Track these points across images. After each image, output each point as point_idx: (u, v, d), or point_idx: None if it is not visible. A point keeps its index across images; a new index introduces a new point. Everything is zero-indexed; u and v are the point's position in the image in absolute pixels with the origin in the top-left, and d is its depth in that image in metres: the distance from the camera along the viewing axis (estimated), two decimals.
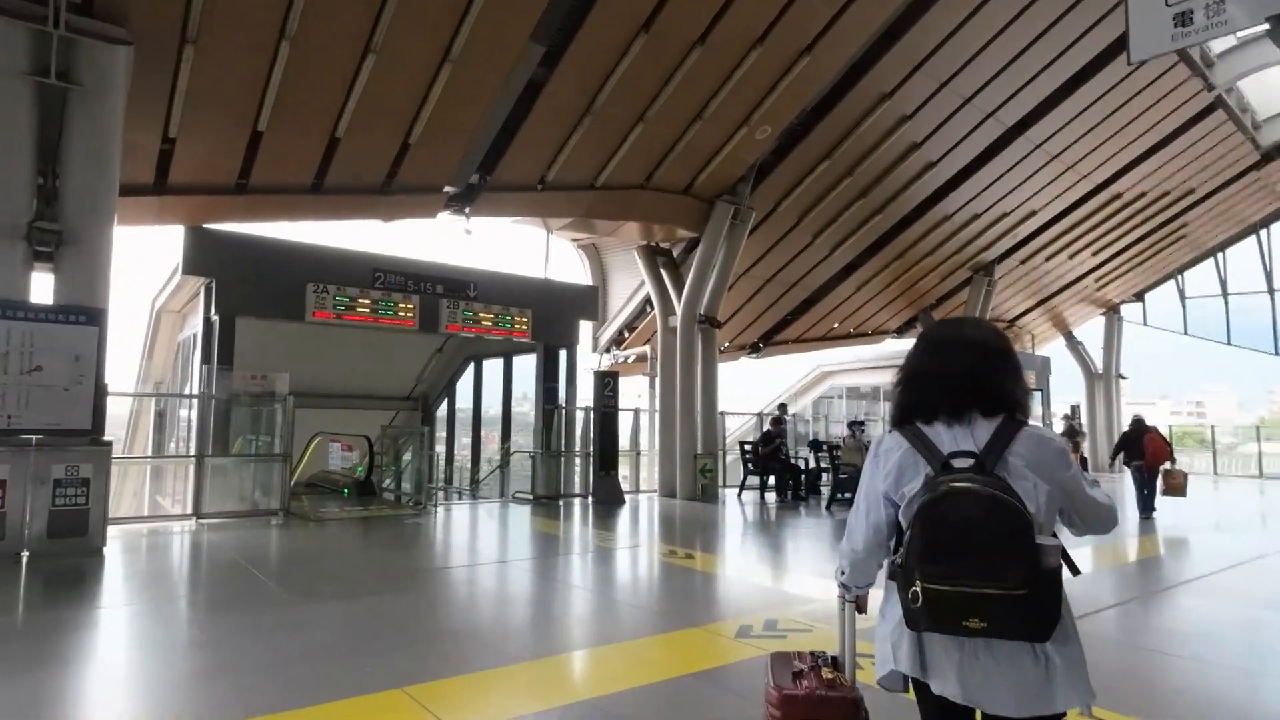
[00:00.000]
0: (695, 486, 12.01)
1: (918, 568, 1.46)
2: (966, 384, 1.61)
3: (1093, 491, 1.62)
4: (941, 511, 1.45)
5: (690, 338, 12.24)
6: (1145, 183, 15.19)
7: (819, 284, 15.53)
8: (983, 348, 1.65)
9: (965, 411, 1.59)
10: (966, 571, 1.41)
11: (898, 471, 1.61)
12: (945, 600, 1.42)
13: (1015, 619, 1.42)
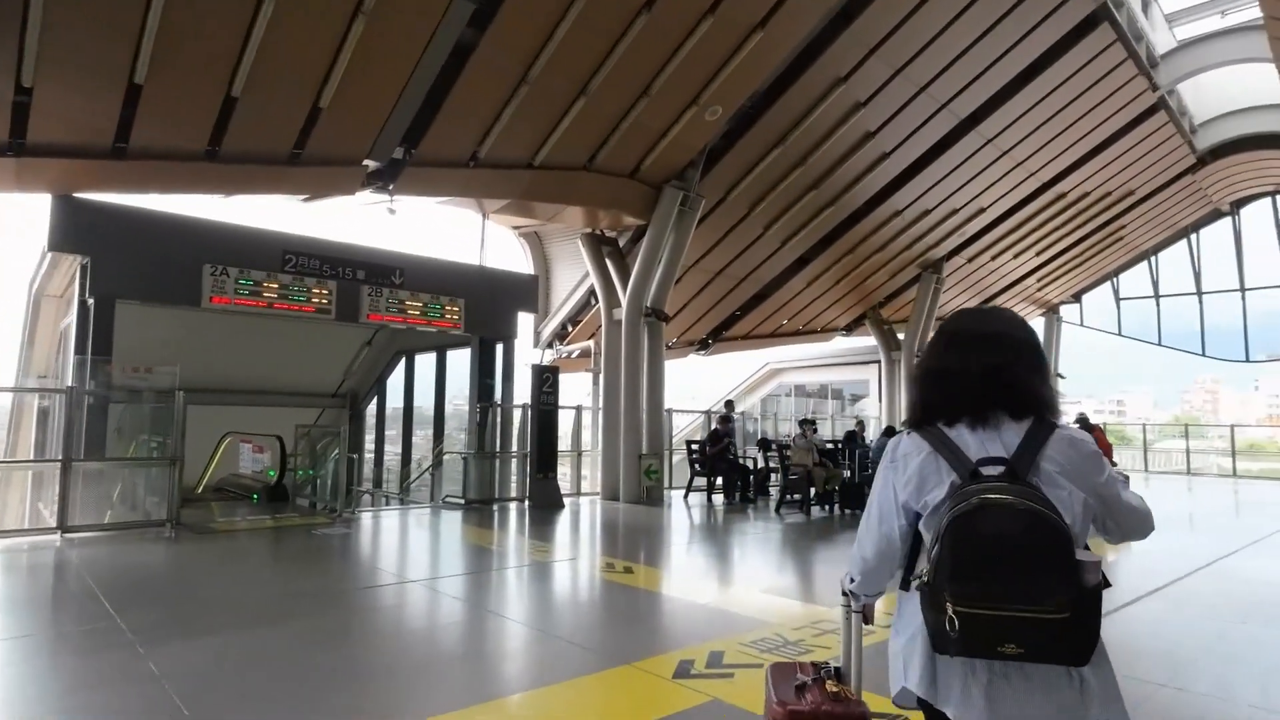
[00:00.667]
0: (640, 489, 11.34)
1: (948, 588, 1.33)
2: (994, 382, 1.47)
3: (1127, 495, 1.49)
4: (974, 527, 1.32)
5: (636, 331, 11.55)
6: (1089, 183, 15.23)
7: (769, 279, 15.07)
8: (1011, 342, 1.51)
9: (992, 413, 1.46)
10: (1004, 594, 1.30)
11: (919, 479, 1.47)
12: (979, 624, 1.31)
13: (1055, 643, 1.32)
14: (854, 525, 10.30)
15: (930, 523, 1.44)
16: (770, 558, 7.46)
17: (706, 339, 16.76)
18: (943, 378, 1.54)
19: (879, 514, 1.55)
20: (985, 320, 1.59)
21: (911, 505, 1.49)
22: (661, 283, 11.66)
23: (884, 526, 1.54)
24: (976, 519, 1.32)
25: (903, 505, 1.50)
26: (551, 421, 11.06)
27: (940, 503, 1.41)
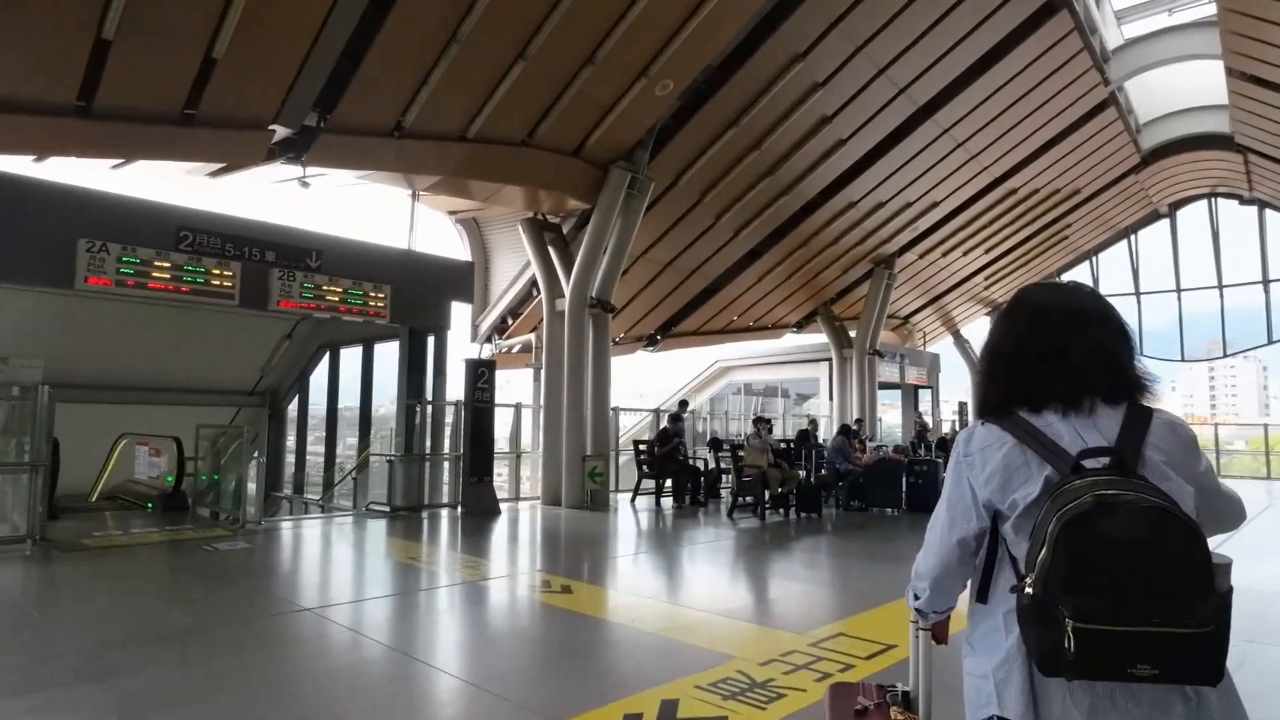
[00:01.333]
0: (583, 493, 10.55)
1: (1063, 601, 1.13)
2: (1094, 364, 1.30)
3: (1224, 484, 1.35)
4: (1093, 530, 1.13)
5: (580, 323, 10.75)
6: (1038, 180, 15.15)
7: (720, 272, 14.46)
8: (1105, 319, 1.35)
9: (1084, 398, 1.29)
10: (1138, 608, 1.11)
11: (1004, 474, 1.28)
12: (1108, 643, 1.12)
13: (1194, 661, 1.13)
14: (811, 530, 10.00)
15: (1022, 524, 1.27)
16: (725, 571, 6.77)
17: (655, 335, 16.07)
18: (1029, 359, 1.36)
19: (951, 517, 1.38)
20: (1076, 295, 1.41)
21: (995, 504, 1.32)
22: (607, 272, 10.89)
23: (958, 530, 1.37)
24: (1095, 520, 1.15)
25: (983, 505, 1.33)
26: (487, 421, 10.17)
27: (1035, 501, 1.25)
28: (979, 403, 1.45)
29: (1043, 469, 1.26)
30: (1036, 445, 1.28)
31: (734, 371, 21.85)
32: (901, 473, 10.48)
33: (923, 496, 10.36)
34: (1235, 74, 11.80)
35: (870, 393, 16.57)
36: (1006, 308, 1.46)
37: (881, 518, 10.06)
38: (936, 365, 21.24)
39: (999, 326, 1.43)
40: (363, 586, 5.78)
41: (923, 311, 20.66)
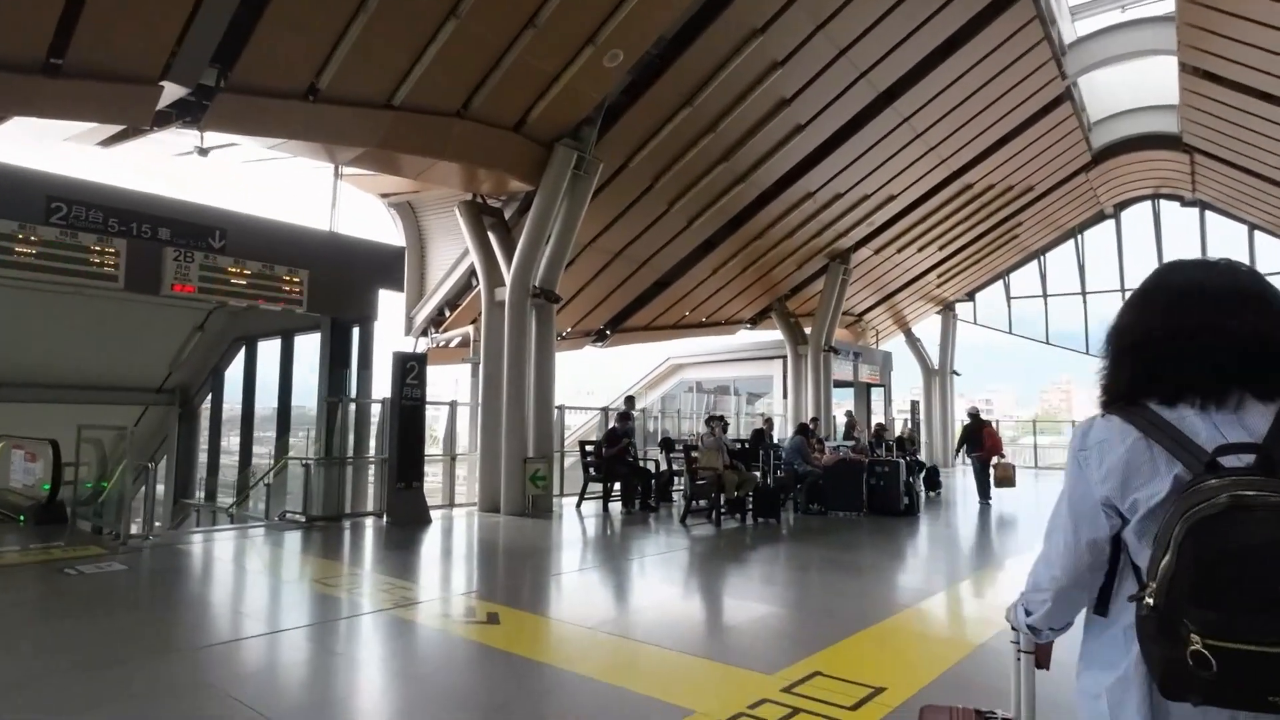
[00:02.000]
0: (524, 498, 9.72)
1: (1190, 614, 1.01)
2: (1250, 352, 1.12)
3: None
4: (1226, 534, 0.99)
5: (521, 314, 9.91)
6: (994, 175, 14.95)
7: (672, 264, 13.78)
8: (1262, 301, 1.16)
9: (1232, 391, 1.12)
10: (1277, 624, 0.96)
11: (1124, 471, 1.14)
12: (1243, 665, 0.97)
13: None
14: (770, 538, 9.32)
15: (1145, 528, 1.12)
16: (678, 590, 6.06)
17: (604, 329, 15.31)
18: (1167, 345, 1.17)
19: (1074, 520, 1.20)
20: (1231, 274, 1.21)
21: (1116, 503, 1.15)
22: (552, 259, 10.08)
23: (1084, 534, 1.19)
24: (1228, 524, 0.99)
25: (1102, 504, 1.16)
26: (417, 420, 9.24)
27: (1161, 502, 1.10)
28: (1102, 391, 1.27)
29: (1172, 466, 1.12)
30: (1165, 440, 1.13)
31: (686, 369, 21.25)
32: (862, 474, 9.98)
33: (884, 499, 9.88)
34: (1188, 69, 11.70)
35: (825, 391, 16.17)
36: (1144, 284, 1.30)
37: (842, 522, 9.53)
38: (889, 363, 21.09)
39: (1133, 305, 1.28)
40: (242, 620, 4.85)
41: (875, 309, 20.43)
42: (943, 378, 22.45)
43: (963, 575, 6.27)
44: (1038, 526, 8.66)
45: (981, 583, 6.12)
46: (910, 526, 9.30)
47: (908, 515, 9.84)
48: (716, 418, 9.55)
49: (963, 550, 8.17)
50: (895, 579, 6.51)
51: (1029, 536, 8.86)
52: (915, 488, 10.27)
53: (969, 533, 9.49)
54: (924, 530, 9.18)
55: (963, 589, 5.82)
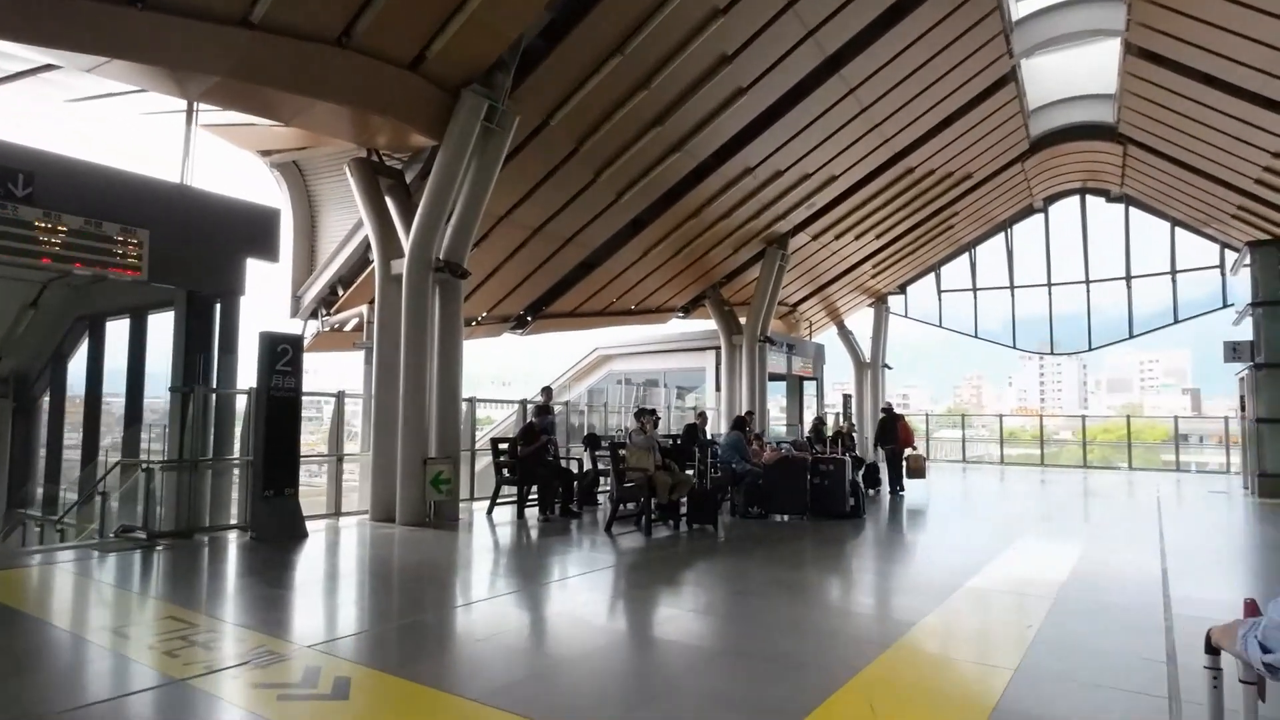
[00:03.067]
0: (424, 505, 8.32)
1: None
2: None
3: None
4: None
5: (422, 291, 8.48)
6: (936, 159, 14.39)
7: (600, 243, 12.54)
8: None
9: None
10: None
11: None
12: None
13: None
14: (707, 550, 7.65)
15: None
16: (601, 631, 4.85)
17: (524, 315, 13.93)
18: None
19: None
20: None
21: None
22: (459, 227, 8.69)
23: None
24: None
25: None
26: (290, 414, 7.68)
27: None
28: None
29: None
30: None
31: (615, 360, 20.07)
32: (806, 473, 9.04)
33: (829, 501, 8.97)
34: (1134, 50, 11.32)
35: (760, 383, 15.31)
36: None
37: (784, 527, 8.56)
38: (821, 356, 20.51)
39: None
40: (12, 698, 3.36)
41: (810, 300, 19.79)
42: (874, 371, 22.10)
43: (941, 595, 5.36)
44: (983, 528, 8.07)
45: (970, 607, 5.19)
46: (860, 532, 8.42)
47: (854, 518, 8.97)
48: (647, 411, 8.40)
49: (927, 562, 7.28)
50: (861, 606, 5.51)
51: (990, 540, 8.11)
52: (861, 487, 9.42)
53: (928, 540, 8.66)
54: (876, 537, 8.31)
55: (949, 616, 4.86)
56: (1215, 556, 7.80)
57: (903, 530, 9.10)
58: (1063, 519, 10.28)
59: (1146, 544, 7.82)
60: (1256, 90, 10.21)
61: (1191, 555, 7.56)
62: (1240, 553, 8.31)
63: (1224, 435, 17.47)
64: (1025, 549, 7.46)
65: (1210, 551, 8.05)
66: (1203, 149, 12.85)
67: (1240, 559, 7.98)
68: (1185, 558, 7.25)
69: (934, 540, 8.62)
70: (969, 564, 6.43)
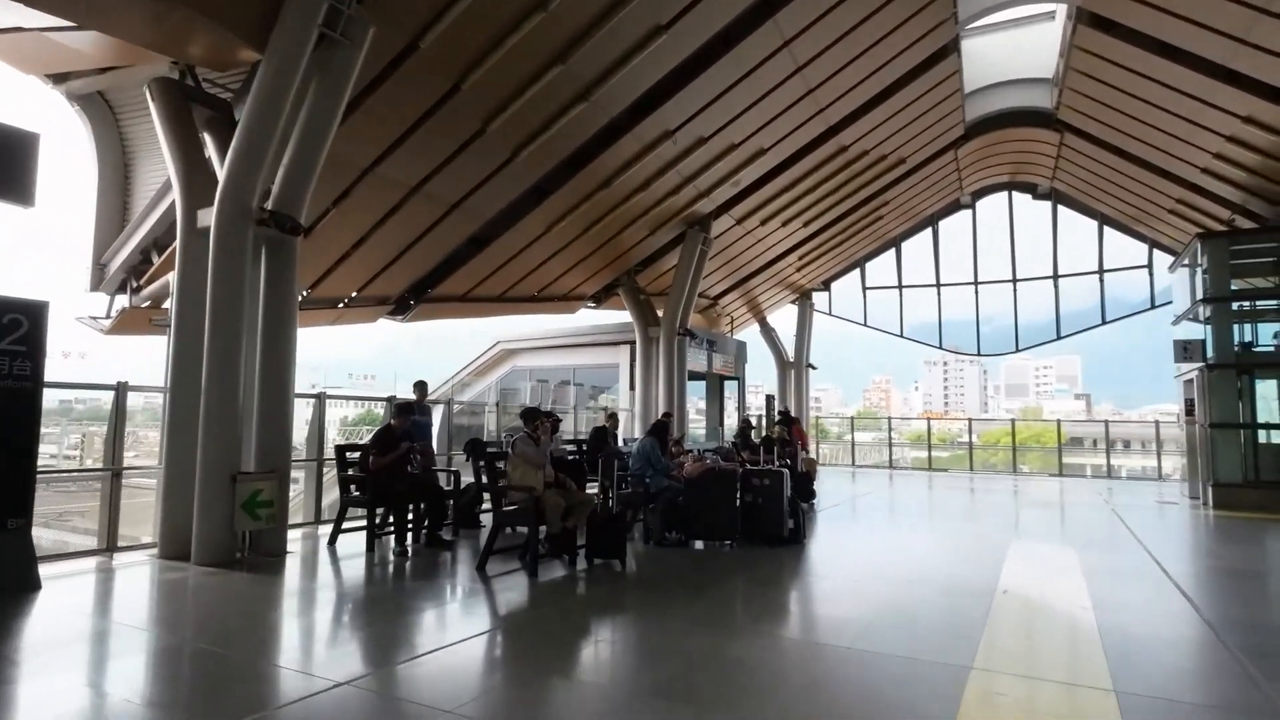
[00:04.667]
0: (234, 538, 6.19)
1: None
2: None
3: None
4: None
5: (236, 249, 6.33)
6: (869, 139, 13.20)
7: (494, 212, 10.59)
8: None
9: None
10: None
11: None
12: None
13: None
14: (611, 599, 4.33)
15: None
16: None
17: (406, 297, 11.78)
18: None
19: None
20: None
21: None
22: (295, 169, 6.60)
23: None
24: None
25: None
26: (21, 412, 5.39)
27: None
28: None
29: None
30: None
31: (520, 355, 18.06)
32: (736, 489, 7.41)
33: (764, 522, 7.37)
34: (1084, 17, 10.38)
35: (680, 382, 13.71)
36: None
37: (710, 559, 6.90)
38: (743, 354, 19.20)
39: None
40: None
41: (732, 293, 18.41)
42: (798, 371, 21.00)
43: (947, 687, 3.79)
44: (960, 556, 6.31)
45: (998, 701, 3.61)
46: (806, 566, 6.85)
47: (793, 543, 7.41)
48: (536, 411, 6.52)
49: (911, 615, 5.64)
50: (848, 706, 3.82)
51: (990, 576, 6.70)
52: (800, 505, 7.88)
53: (895, 573, 7.12)
54: (828, 574, 6.67)
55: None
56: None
57: (858, 565, 7.57)
58: (1046, 540, 9.04)
59: (1171, 594, 6.59)
60: (1220, 61, 9.37)
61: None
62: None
63: (1155, 439, 17.17)
64: (1039, 583, 6.07)
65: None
66: (1148, 135, 12.15)
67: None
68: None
69: (902, 578, 7.16)
70: (978, 615, 4.91)
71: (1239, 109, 10.13)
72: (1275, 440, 12.30)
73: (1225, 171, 11.88)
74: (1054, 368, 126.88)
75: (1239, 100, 9.84)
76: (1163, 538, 9.35)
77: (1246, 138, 10.65)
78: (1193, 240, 12.63)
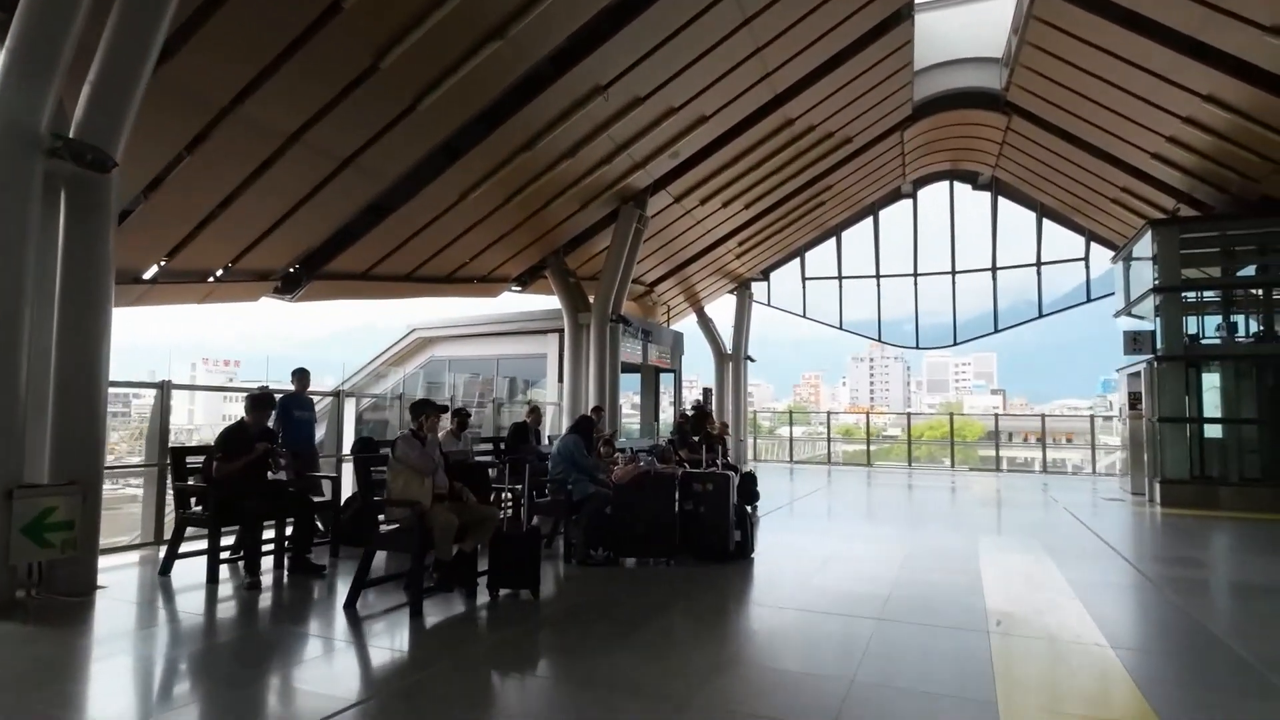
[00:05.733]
0: (9, 574, 4.62)
1: None
2: None
3: None
4: None
5: (13, 180, 4.73)
6: (816, 112, 12.29)
7: (398, 173, 9.08)
8: None
9: None
10: None
11: None
12: None
13: None
14: (527, 654, 3.40)
15: None
16: None
17: (295, 272, 10.12)
18: None
19: None
20: None
21: None
22: (103, 83, 5.02)
23: None
24: None
25: None
26: None
27: None
28: None
29: None
30: None
31: (439, 344, 16.44)
32: (674, 496, 6.24)
33: (706, 534, 6.24)
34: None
35: (612, 373, 12.49)
36: None
37: (644, 583, 5.72)
38: (680, 345, 18.15)
39: None
40: None
41: (668, 280, 17.31)
42: (736, 363, 20.11)
43: None
44: (938, 565, 5.21)
45: None
46: (758, 591, 5.76)
47: (739, 559, 6.30)
48: (428, 404, 5.15)
49: (899, 662, 4.58)
50: None
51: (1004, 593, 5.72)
52: (747, 512, 6.78)
53: (862, 599, 6.09)
54: (785, 602, 5.50)
55: None
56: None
57: (827, 588, 6.52)
58: (1017, 550, 8.19)
59: None
60: (1189, 33, 8.79)
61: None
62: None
63: (1090, 434, 17.06)
64: (1034, 611, 5.12)
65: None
66: (1100, 117, 11.66)
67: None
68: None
69: (882, 599, 6.14)
70: (977, 662, 3.87)
71: (1201, 86, 9.63)
72: (1220, 435, 12.07)
73: (1177, 156, 11.50)
74: (972, 364, 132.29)
75: (1203, 77, 9.33)
76: (1133, 542, 8.76)
77: (1204, 119, 10.20)
78: (1143, 227, 12.27)
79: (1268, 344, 11.73)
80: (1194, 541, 8.75)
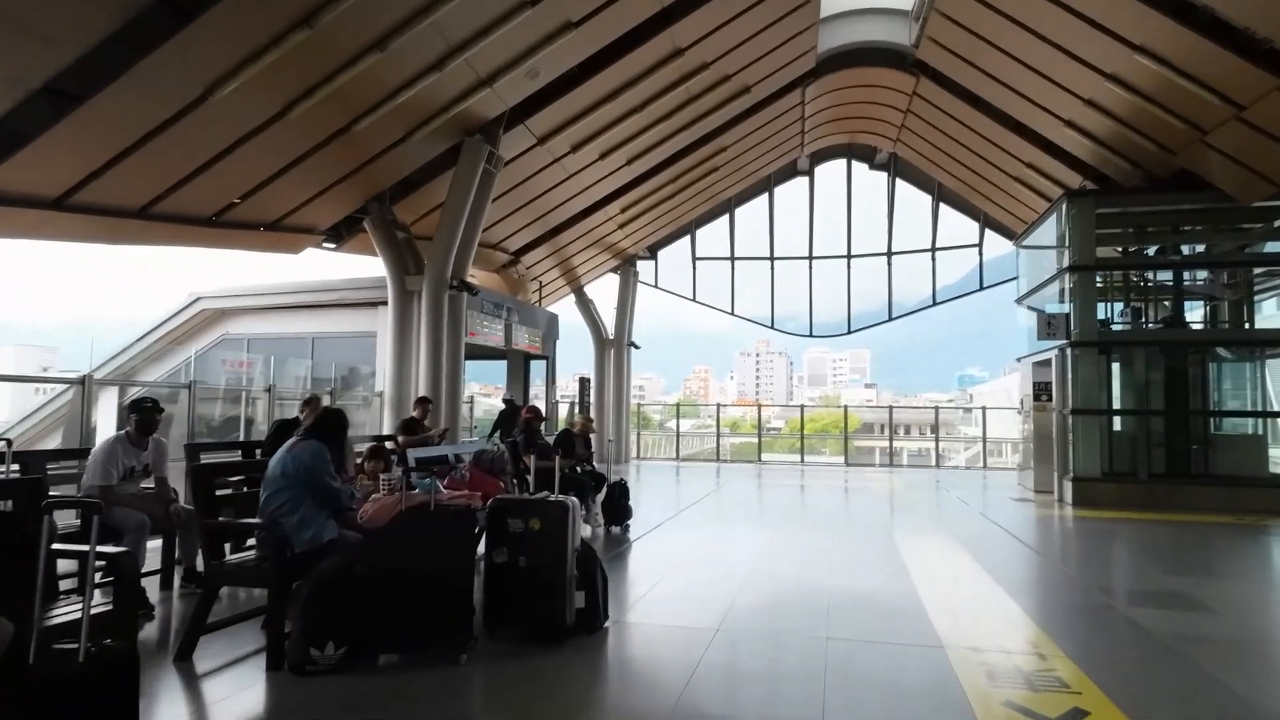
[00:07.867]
0: None
1: None
2: None
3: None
4: None
5: None
6: (711, 44, 10.23)
7: (178, 90, 6.01)
8: None
9: None
10: None
11: None
12: None
13: None
14: None
15: None
16: None
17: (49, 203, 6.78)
18: None
19: None
20: None
21: None
22: None
23: None
24: None
25: None
26: None
27: None
28: None
29: None
30: None
31: (232, 318, 13.09)
32: (472, 538, 3.83)
33: (531, 598, 3.88)
34: None
35: (452, 355, 9.82)
36: None
37: (408, 700, 3.29)
38: (555, 328, 15.76)
39: None
40: None
41: (538, 250, 14.80)
42: (619, 350, 17.93)
43: None
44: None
45: None
46: (615, 709, 3.45)
47: (585, 633, 4.00)
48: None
49: None
50: None
51: None
52: (597, 561, 4.43)
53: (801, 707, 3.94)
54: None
55: None
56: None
57: (711, 670, 4.31)
58: (958, 580, 6.32)
59: None
60: None
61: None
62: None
63: (982, 425, 16.25)
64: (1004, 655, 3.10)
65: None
66: (1015, 75, 10.31)
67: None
68: None
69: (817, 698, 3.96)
70: None
71: (1135, 35, 8.31)
72: (1130, 430, 11.12)
73: (1093, 123, 10.33)
74: (847, 360, 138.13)
75: (1140, 21, 7.98)
76: (1070, 553, 7.24)
77: (1130, 75, 8.94)
78: (1058, 199, 11.07)
79: (1187, 329, 10.85)
80: (1139, 548, 7.37)
